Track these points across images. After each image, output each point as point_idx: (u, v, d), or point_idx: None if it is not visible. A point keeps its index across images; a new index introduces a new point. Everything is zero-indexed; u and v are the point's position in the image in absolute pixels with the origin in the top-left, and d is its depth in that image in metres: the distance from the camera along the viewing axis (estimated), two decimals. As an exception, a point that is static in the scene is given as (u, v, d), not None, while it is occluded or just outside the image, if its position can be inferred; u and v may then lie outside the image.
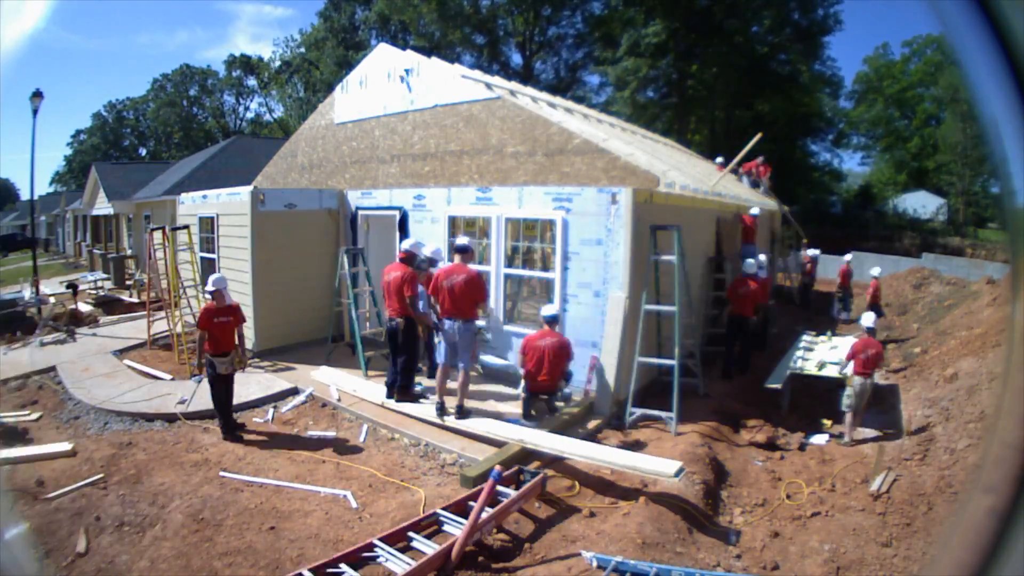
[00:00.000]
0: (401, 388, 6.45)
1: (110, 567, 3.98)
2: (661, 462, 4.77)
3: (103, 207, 22.18)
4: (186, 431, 6.33)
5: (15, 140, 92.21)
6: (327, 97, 10.85)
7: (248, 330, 8.85)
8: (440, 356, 6.03)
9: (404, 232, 8.64)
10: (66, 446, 5.80)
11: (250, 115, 58.13)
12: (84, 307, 12.95)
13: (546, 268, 7.28)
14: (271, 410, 6.89)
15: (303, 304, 9.02)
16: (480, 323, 6.74)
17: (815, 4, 29.03)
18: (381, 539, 4.00)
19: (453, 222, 7.96)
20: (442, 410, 5.96)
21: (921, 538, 4.36)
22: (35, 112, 15.44)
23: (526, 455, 5.39)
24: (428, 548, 3.91)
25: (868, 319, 7.00)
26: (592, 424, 6.17)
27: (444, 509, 4.37)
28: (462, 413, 5.93)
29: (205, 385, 6.20)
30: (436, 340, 6.38)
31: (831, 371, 7.43)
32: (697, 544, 4.29)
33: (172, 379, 8.03)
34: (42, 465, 5.46)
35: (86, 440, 6.13)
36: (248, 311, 8.83)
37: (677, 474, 4.55)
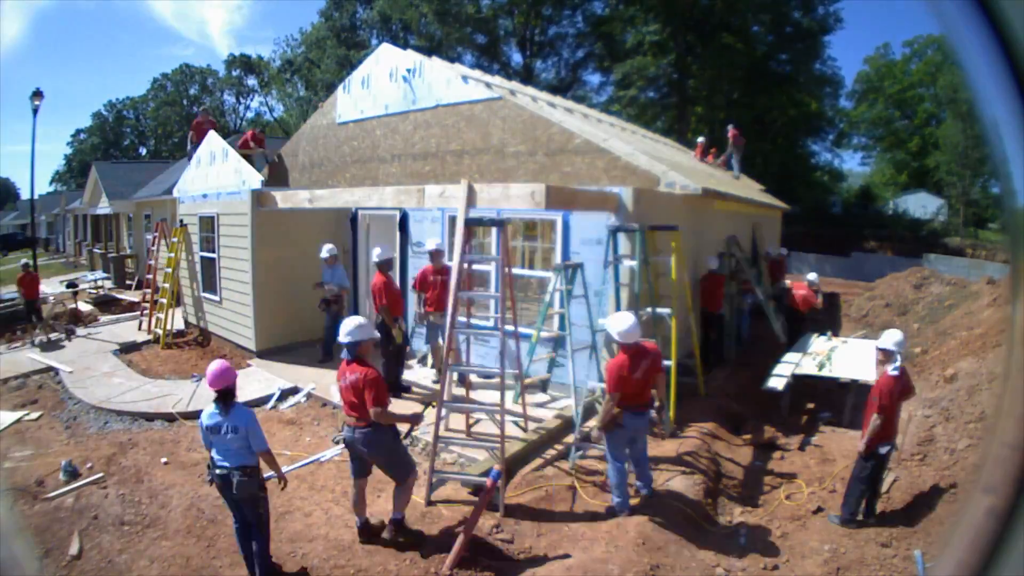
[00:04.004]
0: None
1: (110, 566, 3.99)
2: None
3: (103, 206, 22.18)
4: (187, 431, 6.33)
5: (14, 138, 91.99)
6: (328, 97, 10.85)
7: (248, 329, 8.90)
8: None
9: (405, 232, 8.65)
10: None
11: (250, 115, 58.18)
12: (84, 306, 12.96)
13: (547, 268, 7.28)
14: (271, 408, 6.90)
15: (304, 304, 9.02)
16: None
17: (815, 3, 29.01)
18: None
19: (453, 222, 7.96)
20: None
21: (921, 538, 4.36)
22: (35, 112, 15.47)
23: (526, 454, 5.40)
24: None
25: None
26: (592, 423, 6.17)
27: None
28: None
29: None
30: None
31: (831, 371, 7.42)
32: (697, 544, 4.29)
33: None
34: (42, 464, 5.46)
35: (86, 440, 6.14)
36: (248, 310, 8.85)
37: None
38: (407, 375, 7.44)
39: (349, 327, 3.96)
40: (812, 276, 9.88)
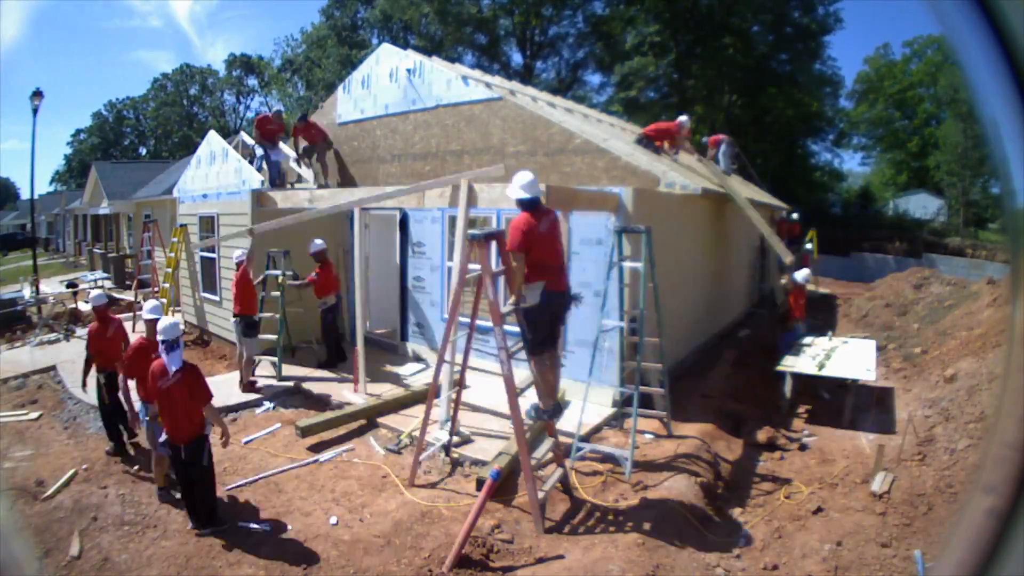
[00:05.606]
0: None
1: (110, 566, 3.99)
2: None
3: (103, 207, 22.18)
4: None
5: (14, 138, 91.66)
6: (329, 97, 10.86)
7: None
8: None
9: (404, 231, 8.65)
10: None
11: (250, 114, 58.14)
12: (84, 306, 12.95)
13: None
14: (270, 409, 6.90)
15: (305, 304, 9.01)
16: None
17: (815, 3, 29.00)
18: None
19: (453, 222, 7.96)
20: None
21: (921, 538, 4.36)
22: (35, 111, 15.48)
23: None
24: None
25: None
26: (593, 423, 6.17)
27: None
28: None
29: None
30: None
31: (831, 371, 7.42)
32: (697, 544, 4.29)
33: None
34: (41, 465, 5.46)
35: (86, 440, 6.14)
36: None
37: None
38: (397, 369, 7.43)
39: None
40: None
